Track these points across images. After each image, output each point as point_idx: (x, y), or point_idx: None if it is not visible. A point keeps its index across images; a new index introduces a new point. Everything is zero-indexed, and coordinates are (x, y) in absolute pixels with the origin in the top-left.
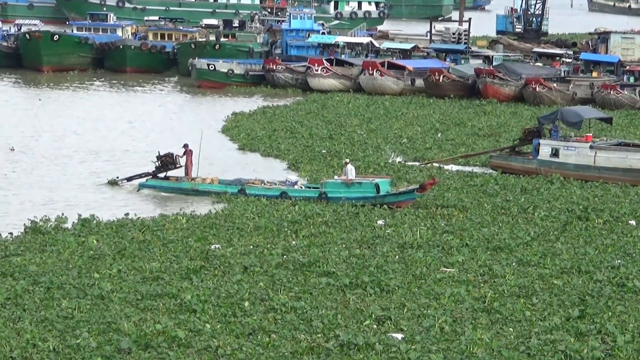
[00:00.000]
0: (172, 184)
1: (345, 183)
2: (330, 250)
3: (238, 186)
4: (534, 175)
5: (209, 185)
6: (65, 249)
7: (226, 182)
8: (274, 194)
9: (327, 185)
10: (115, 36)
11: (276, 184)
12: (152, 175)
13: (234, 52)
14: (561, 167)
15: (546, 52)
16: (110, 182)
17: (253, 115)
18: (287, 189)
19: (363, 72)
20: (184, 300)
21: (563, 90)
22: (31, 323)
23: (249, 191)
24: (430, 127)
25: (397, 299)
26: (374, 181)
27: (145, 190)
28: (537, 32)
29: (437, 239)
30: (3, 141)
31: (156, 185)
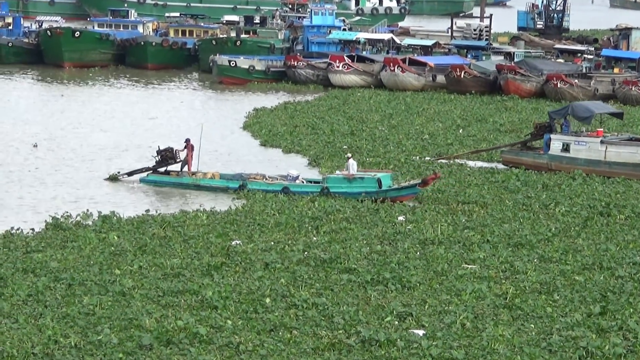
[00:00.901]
0: (173, 178)
1: (347, 178)
2: (351, 246)
3: (239, 181)
4: (545, 170)
5: (210, 180)
6: (86, 245)
7: (227, 176)
8: (276, 189)
9: (329, 180)
10: (136, 32)
11: (277, 179)
12: (153, 170)
13: (255, 48)
14: (572, 162)
15: (567, 48)
16: (111, 177)
17: (274, 112)
18: (288, 184)
19: (384, 68)
20: (205, 296)
21: (584, 86)
22: (53, 319)
23: (251, 186)
24: (452, 123)
25: (418, 295)
26: (376, 176)
27: (147, 185)
28: (558, 28)
29: (458, 235)
30: (26, 137)
31: (157, 180)
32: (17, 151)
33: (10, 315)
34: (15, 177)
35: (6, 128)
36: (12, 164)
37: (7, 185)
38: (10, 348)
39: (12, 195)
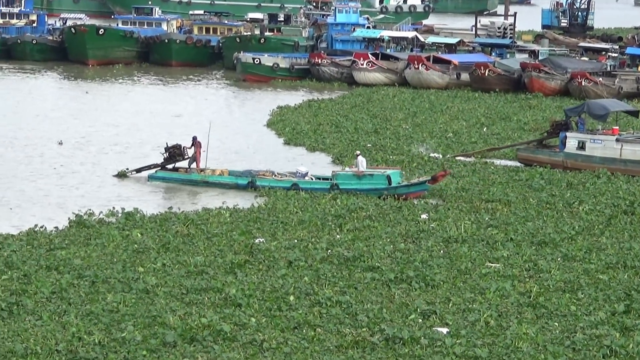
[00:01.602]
0: (181, 175)
1: (356, 175)
2: (374, 244)
3: (248, 178)
4: (560, 168)
5: (219, 177)
6: (109, 243)
7: (236, 173)
8: (285, 185)
9: (338, 176)
10: (160, 30)
11: (287, 176)
12: (161, 167)
13: (279, 46)
14: (587, 160)
15: (592, 46)
16: (120, 173)
17: (298, 109)
18: (298, 180)
19: (409, 66)
20: (228, 294)
21: (609, 84)
22: (76, 316)
23: (260, 183)
24: (476, 122)
25: (442, 293)
26: (386, 173)
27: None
28: (582, 26)
29: (482, 233)
30: (52, 135)
31: (165, 177)
32: (43, 148)
33: (34, 312)
34: (41, 174)
35: (31, 125)
36: (37, 161)
37: (32, 182)
38: (34, 345)
39: (36, 192)
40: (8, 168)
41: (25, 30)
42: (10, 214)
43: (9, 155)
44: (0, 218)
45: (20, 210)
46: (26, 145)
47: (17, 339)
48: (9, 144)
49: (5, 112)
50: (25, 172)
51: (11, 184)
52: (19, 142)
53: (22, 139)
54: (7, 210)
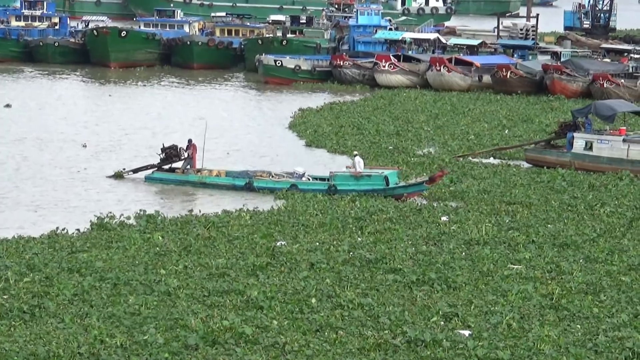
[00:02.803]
0: (178, 176)
1: (354, 175)
2: (396, 246)
3: (245, 179)
4: (567, 168)
5: (216, 178)
6: (131, 246)
7: (233, 174)
8: (283, 186)
9: (336, 177)
10: (182, 32)
11: (284, 177)
12: (158, 168)
13: (301, 48)
14: (595, 161)
15: (614, 48)
16: (117, 174)
17: (320, 112)
18: (296, 181)
19: (430, 68)
20: (250, 296)
21: (631, 86)
22: (98, 319)
23: (257, 184)
24: (498, 124)
25: (464, 295)
26: (383, 173)
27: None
28: (604, 28)
29: (503, 235)
30: (75, 137)
31: (163, 178)
32: (66, 151)
33: (56, 314)
34: (64, 176)
35: (55, 128)
36: (61, 164)
37: (56, 184)
38: (56, 348)
39: (59, 195)
40: (33, 170)
41: (47, 33)
42: (32, 216)
43: (33, 157)
44: (23, 220)
45: (43, 213)
46: (50, 147)
47: (39, 341)
48: (34, 147)
49: (29, 115)
50: (49, 174)
51: (36, 186)
52: (44, 145)
53: (46, 141)
54: (32, 212)
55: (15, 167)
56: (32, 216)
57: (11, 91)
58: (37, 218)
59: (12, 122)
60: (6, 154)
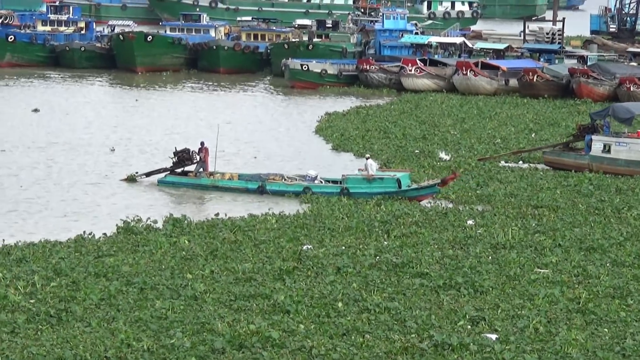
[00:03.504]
0: (191, 180)
1: (366, 178)
2: (422, 250)
3: (258, 182)
4: (586, 171)
5: (229, 182)
6: (157, 250)
7: (246, 177)
8: (296, 189)
9: (348, 180)
10: (208, 37)
11: (296, 180)
12: (170, 171)
13: (327, 52)
14: (613, 163)
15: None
16: (129, 178)
17: (346, 115)
18: (308, 184)
19: (457, 72)
20: (277, 300)
21: None
22: (125, 323)
23: (270, 187)
24: (524, 127)
25: (491, 299)
26: (395, 176)
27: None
28: (631, 31)
29: (529, 239)
30: (104, 142)
31: (175, 182)
32: (95, 156)
33: (83, 318)
34: (92, 181)
35: (83, 132)
36: (89, 168)
37: (84, 188)
38: (83, 352)
39: (87, 199)
40: (61, 175)
41: (73, 38)
42: (61, 221)
43: (62, 162)
44: (52, 225)
45: (70, 217)
46: (79, 152)
47: (66, 345)
48: (63, 151)
49: (56, 119)
50: (77, 179)
51: (64, 191)
52: (72, 149)
53: (74, 146)
54: (60, 217)
55: (43, 172)
56: (61, 221)
57: (39, 96)
58: (64, 222)
59: (41, 126)
60: (35, 159)
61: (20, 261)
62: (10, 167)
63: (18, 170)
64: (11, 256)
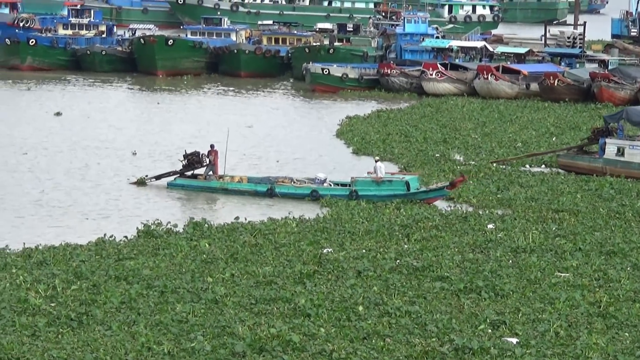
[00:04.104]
0: (200, 182)
1: (375, 181)
2: (443, 254)
3: (267, 185)
4: (599, 174)
5: (239, 184)
6: (178, 253)
7: (255, 180)
8: (305, 192)
9: (357, 183)
10: (229, 40)
11: (305, 182)
12: (180, 174)
13: (348, 56)
14: (627, 166)
15: None
16: (139, 181)
17: (367, 119)
18: (317, 187)
19: (478, 76)
20: (298, 304)
21: None
22: (146, 327)
23: (279, 190)
24: (545, 131)
25: (511, 303)
26: (404, 179)
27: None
28: None
29: (550, 243)
30: (125, 146)
31: (185, 184)
32: (117, 159)
33: (103, 322)
34: (114, 185)
35: (106, 136)
36: (112, 172)
37: (106, 192)
38: (104, 355)
39: (108, 202)
40: (83, 178)
41: (94, 41)
42: (83, 224)
43: (84, 165)
44: (72, 228)
45: (92, 220)
46: (101, 155)
47: (87, 349)
48: (86, 155)
49: (79, 123)
50: (99, 182)
51: (86, 194)
52: (95, 153)
53: (97, 149)
54: (82, 220)
55: (65, 175)
56: (82, 224)
57: (61, 99)
58: (85, 225)
59: (64, 130)
60: (57, 162)
61: (41, 264)
62: (32, 171)
63: (40, 174)
64: (32, 259)
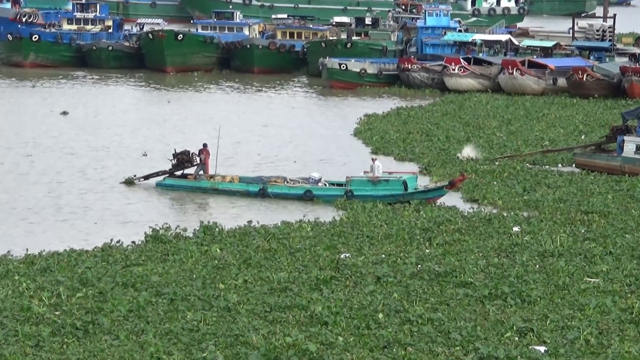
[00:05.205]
0: (190, 182)
1: (371, 180)
2: (466, 259)
3: (259, 185)
4: (617, 173)
5: (230, 184)
6: (188, 259)
7: (247, 180)
8: (298, 192)
9: (352, 183)
10: (241, 35)
11: (299, 182)
12: (169, 174)
13: (366, 50)
14: None
15: None
16: (127, 180)
17: (387, 117)
18: (311, 187)
19: (502, 72)
20: (314, 312)
21: None
22: (155, 336)
23: (271, 190)
24: (574, 129)
25: (539, 310)
26: (402, 178)
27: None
28: None
29: (579, 246)
30: (135, 146)
31: (174, 184)
32: (126, 161)
33: (110, 331)
34: (123, 187)
35: (115, 136)
36: (121, 174)
37: (115, 195)
38: None
39: (117, 206)
40: (91, 181)
41: (100, 37)
42: (86, 228)
43: (91, 167)
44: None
45: (99, 225)
46: (111, 156)
47: (93, 359)
48: (93, 156)
49: (86, 122)
50: (108, 185)
51: (93, 197)
52: (104, 154)
53: (106, 150)
54: (88, 224)
55: (72, 178)
56: (88, 228)
57: (66, 98)
58: (91, 230)
59: (70, 130)
60: (63, 164)
61: (45, 271)
62: (42, 173)
63: (44, 176)
64: (35, 266)
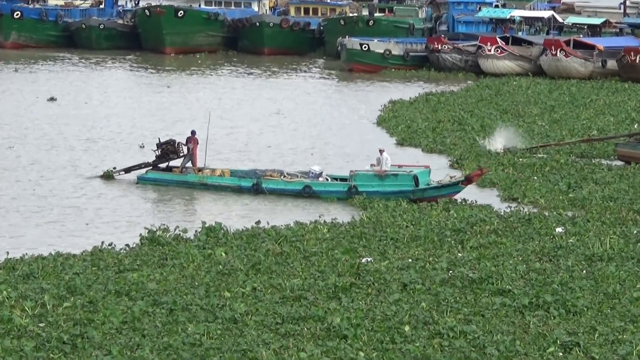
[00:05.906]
0: (175, 176)
1: (378, 175)
2: (504, 264)
3: (253, 179)
4: None
5: (219, 179)
6: (189, 263)
7: (239, 174)
8: (296, 188)
9: (357, 177)
10: (250, 11)
11: (297, 176)
12: (153, 166)
13: (391, 29)
14: None
15: None
16: (106, 174)
17: (414, 104)
18: (310, 182)
19: (544, 53)
20: (332, 323)
21: None
22: (152, 351)
23: (266, 185)
24: (625, 117)
25: (586, 321)
26: (412, 172)
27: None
28: None
29: (631, 249)
30: (131, 136)
31: (157, 178)
32: (123, 153)
33: (102, 345)
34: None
35: (107, 125)
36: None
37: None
38: None
39: (108, 205)
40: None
41: (91, 13)
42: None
43: (83, 160)
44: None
45: (90, 226)
46: (106, 148)
47: None
48: (84, 148)
49: (76, 110)
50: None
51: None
52: (95, 145)
53: (99, 141)
54: (77, 225)
55: (60, 173)
56: (77, 230)
57: (54, 82)
58: (80, 232)
59: (59, 118)
60: (50, 157)
61: (28, 277)
62: (26, 167)
63: (29, 171)
64: (17, 272)
